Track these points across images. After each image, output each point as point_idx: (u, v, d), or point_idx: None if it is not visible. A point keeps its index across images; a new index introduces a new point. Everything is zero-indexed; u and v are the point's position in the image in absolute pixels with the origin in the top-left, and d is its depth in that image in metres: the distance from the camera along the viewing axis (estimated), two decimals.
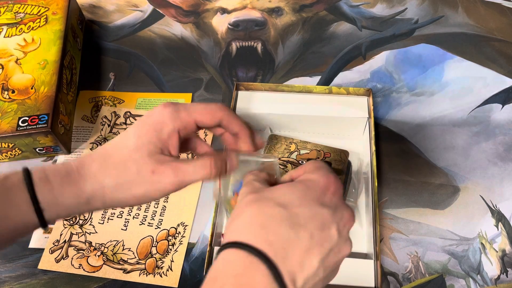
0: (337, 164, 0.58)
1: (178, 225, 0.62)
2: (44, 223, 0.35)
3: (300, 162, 0.59)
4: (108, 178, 0.36)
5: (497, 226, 0.61)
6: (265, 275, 0.30)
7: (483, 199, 0.63)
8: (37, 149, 0.67)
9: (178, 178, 0.36)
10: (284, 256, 0.31)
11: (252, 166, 0.44)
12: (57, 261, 0.60)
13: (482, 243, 0.59)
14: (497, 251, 0.59)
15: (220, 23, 0.84)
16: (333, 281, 0.53)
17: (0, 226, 0.34)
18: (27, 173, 0.35)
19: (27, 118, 0.63)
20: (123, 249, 0.61)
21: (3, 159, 0.68)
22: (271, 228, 0.32)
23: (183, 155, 0.69)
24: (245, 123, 0.41)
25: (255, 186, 0.37)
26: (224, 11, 0.86)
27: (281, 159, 0.59)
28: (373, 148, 0.60)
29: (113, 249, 0.61)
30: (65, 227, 0.63)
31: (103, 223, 0.63)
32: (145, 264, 0.60)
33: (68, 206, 0.36)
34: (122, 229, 0.63)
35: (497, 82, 0.73)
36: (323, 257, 0.33)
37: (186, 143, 0.43)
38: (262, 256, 0.30)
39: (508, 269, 0.58)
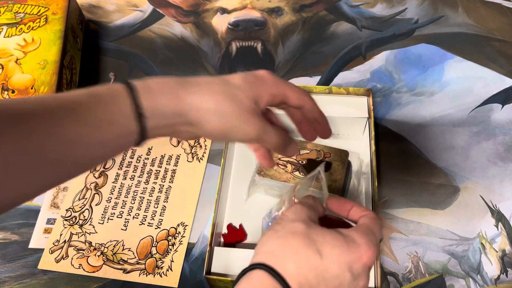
0: (337, 164, 0.58)
1: (178, 225, 0.63)
2: (143, 133, 0.37)
3: (300, 162, 0.59)
4: (211, 101, 0.38)
5: (497, 226, 0.61)
6: None
7: (483, 199, 0.63)
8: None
9: (261, 130, 0.40)
10: None
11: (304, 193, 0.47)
12: (57, 261, 0.60)
13: (482, 243, 0.59)
14: (497, 251, 0.59)
15: (220, 23, 0.84)
16: None
17: (106, 131, 0.35)
18: (130, 84, 0.37)
19: None
20: (123, 249, 0.61)
21: None
22: (304, 271, 0.35)
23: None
24: (324, 116, 0.45)
25: (309, 215, 0.39)
26: (224, 11, 0.86)
27: (281, 159, 0.59)
28: (373, 148, 0.60)
29: (113, 249, 0.61)
30: (65, 227, 0.63)
31: (103, 223, 0.63)
32: (145, 264, 0.60)
33: (167, 116, 0.37)
34: (122, 229, 0.63)
35: (497, 82, 0.73)
36: None
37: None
38: None
39: (508, 269, 0.58)
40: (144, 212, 0.64)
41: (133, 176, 0.67)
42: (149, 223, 0.63)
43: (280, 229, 0.38)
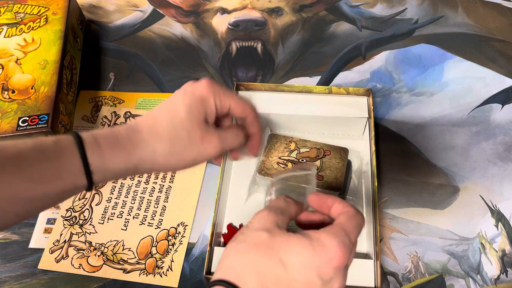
0: (337, 161, 0.58)
1: (178, 225, 0.63)
2: (91, 185, 0.38)
3: (300, 160, 0.59)
4: (161, 145, 0.39)
5: (497, 226, 0.61)
6: None
7: (483, 199, 0.63)
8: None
9: (221, 144, 0.41)
10: None
11: (290, 180, 0.46)
12: (57, 261, 0.60)
13: (482, 243, 0.59)
14: (497, 251, 0.59)
15: (220, 23, 0.84)
16: None
17: (51, 186, 0.36)
18: (78, 137, 0.37)
19: (27, 118, 0.63)
20: (123, 249, 0.61)
21: None
22: (267, 283, 0.34)
23: None
24: (262, 128, 0.46)
25: (275, 221, 0.37)
26: (224, 11, 0.86)
27: (281, 158, 0.59)
28: (373, 148, 0.60)
29: (113, 249, 0.61)
30: (65, 227, 0.63)
31: (103, 223, 0.63)
32: (145, 264, 0.60)
33: (116, 171, 0.38)
34: (122, 229, 0.63)
35: (497, 82, 0.73)
36: None
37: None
38: None
39: (508, 269, 0.58)
40: (144, 212, 0.64)
41: (133, 176, 0.67)
42: (149, 223, 0.63)
43: (242, 240, 0.36)
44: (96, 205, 0.65)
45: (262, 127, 0.47)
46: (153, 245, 0.61)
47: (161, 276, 0.58)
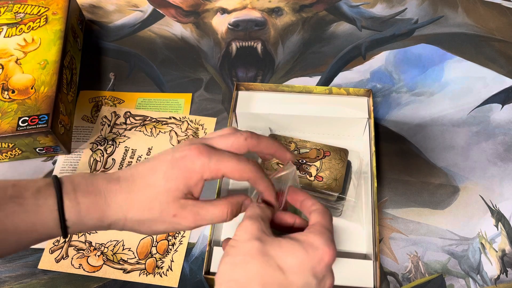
0: (337, 162, 0.58)
1: None
2: (65, 236, 0.38)
3: (300, 161, 0.59)
4: (132, 213, 0.39)
5: (497, 226, 0.61)
6: None
7: (483, 199, 0.63)
8: (37, 149, 0.67)
9: (195, 223, 0.40)
10: None
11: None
12: (57, 261, 0.60)
13: (482, 243, 0.59)
14: (496, 251, 0.59)
15: (220, 23, 0.84)
16: None
17: (26, 237, 0.37)
18: (59, 188, 0.37)
19: (27, 118, 0.63)
20: (123, 249, 0.61)
21: (3, 159, 0.69)
22: None
23: None
24: (271, 182, 0.43)
25: (260, 228, 0.38)
26: (224, 11, 0.86)
27: None
28: (373, 148, 0.60)
29: (113, 249, 0.61)
30: None
31: None
32: (145, 264, 0.60)
33: (90, 227, 0.39)
34: None
35: (497, 82, 0.73)
36: None
37: None
38: None
39: (508, 269, 0.58)
40: None
41: None
42: None
43: (236, 253, 0.37)
44: None
45: (268, 184, 0.43)
46: (153, 245, 0.61)
47: (161, 276, 0.59)
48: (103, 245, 0.61)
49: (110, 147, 0.70)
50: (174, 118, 0.73)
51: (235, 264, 0.36)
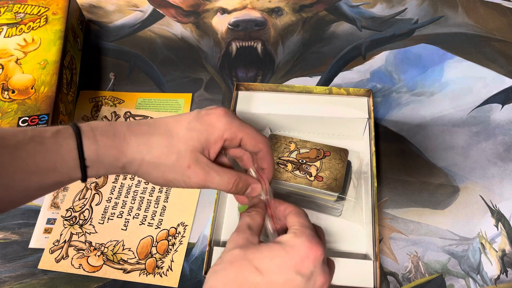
0: (337, 162, 0.58)
1: (178, 225, 0.63)
2: (85, 178, 0.38)
3: (300, 161, 0.59)
4: (149, 156, 0.39)
5: (497, 226, 0.61)
6: None
7: (483, 199, 0.63)
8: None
9: (204, 182, 0.40)
10: None
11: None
12: (57, 261, 0.60)
13: (482, 243, 0.59)
14: (497, 251, 0.59)
15: (220, 23, 0.84)
16: (332, 282, 0.53)
17: (47, 177, 0.37)
18: (78, 131, 0.38)
19: (27, 118, 0.63)
20: (123, 249, 0.61)
21: None
22: None
23: None
24: (274, 162, 0.45)
25: (246, 237, 0.39)
26: (224, 11, 0.86)
27: (281, 158, 0.59)
28: (373, 148, 0.60)
29: (113, 249, 0.61)
30: (65, 227, 0.63)
31: (103, 223, 0.63)
32: (145, 264, 0.60)
33: (107, 166, 0.39)
34: (122, 229, 0.63)
35: (497, 82, 0.73)
36: None
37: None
38: None
39: (508, 269, 0.58)
40: (144, 212, 0.64)
41: (133, 176, 0.67)
42: (149, 223, 0.63)
43: (219, 263, 0.38)
44: (96, 205, 0.65)
45: (273, 163, 0.45)
46: (153, 245, 0.61)
47: (161, 276, 0.59)
48: (103, 245, 0.61)
49: None
50: None
51: (215, 272, 0.37)
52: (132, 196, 0.65)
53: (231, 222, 0.61)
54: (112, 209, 0.65)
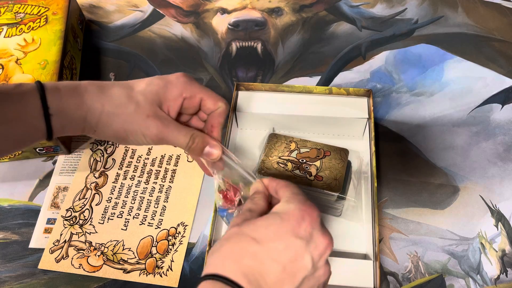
0: (337, 162, 0.58)
1: (178, 225, 0.63)
2: (50, 132, 0.39)
3: (300, 160, 0.59)
4: (109, 104, 0.40)
5: (496, 226, 0.61)
6: None
7: (483, 199, 0.63)
8: (37, 149, 0.67)
9: (162, 134, 0.41)
10: (257, 286, 0.34)
11: (234, 175, 0.46)
12: (57, 261, 0.60)
13: (482, 243, 0.59)
14: (496, 251, 0.59)
15: (220, 23, 0.84)
16: (332, 282, 0.53)
17: (12, 127, 0.37)
18: (40, 83, 0.39)
19: None
20: (123, 249, 0.61)
21: (3, 159, 0.69)
22: (245, 262, 0.35)
23: None
24: (223, 124, 0.46)
25: (244, 217, 0.39)
26: (224, 11, 0.86)
27: (281, 157, 0.59)
28: (373, 148, 0.60)
29: (113, 249, 0.61)
30: (65, 227, 0.63)
31: (103, 223, 0.63)
32: (145, 264, 0.60)
33: (70, 117, 0.39)
34: (122, 229, 0.63)
35: (497, 82, 0.73)
36: (296, 286, 0.35)
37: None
38: (238, 286, 0.33)
39: (507, 269, 0.58)
40: (144, 212, 0.64)
41: (133, 176, 0.67)
42: (149, 223, 0.63)
43: (217, 243, 0.38)
44: (96, 205, 0.65)
45: (223, 123, 0.46)
46: (153, 245, 0.61)
47: (161, 276, 0.59)
48: (103, 245, 0.61)
49: (110, 147, 0.70)
50: None
51: (213, 250, 0.37)
52: (132, 196, 0.65)
53: None
54: (112, 209, 0.65)
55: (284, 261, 0.35)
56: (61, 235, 0.63)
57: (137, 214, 0.64)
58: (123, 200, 0.65)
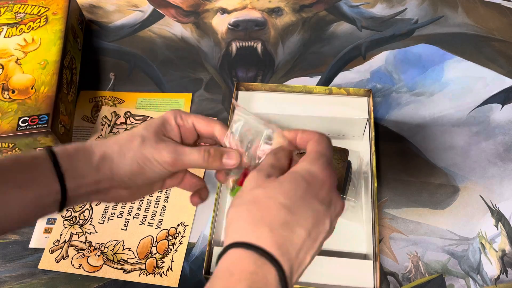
0: (337, 162, 0.58)
1: (178, 225, 0.63)
2: (64, 193, 0.39)
3: None
4: (117, 146, 0.41)
5: (496, 226, 0.61)
6: (274, 276, 0.33)
7: (483, 199, 0.63)
8: (37, 149, 0.67)
9: (176, 154, 0.41)
10: (289, 258, 0.34)
11: (252, 130, 0.44)
12: (57, 261, 0.60)
13: (481, 243, 0.59)
14: (496, 251, 0.59)
15: (220, 23, 0.84)
16: (332, 282, 0.54)
17: (27, 191, 0.37)
18: (50, 149, 0.40)
19: (27, 118, 0.63)
20: (123, 249, 0.61)
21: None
22: (278, 231, 0.34)
23: None
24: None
25: (267, 174, 0.38)
26: (224, 11, 0.86)
27: None
28: (373, 148, 0.60)
29: (113, 249, 0.61)
30: (65, 227, 0.63)
31: (103, 223, 0.63)
32: (145, 264, 0.60)
33: (82, 171, 0.40)
34: (122, 229, 0.63)
35: (497, 82, 0.73)
36: (316, 250, 0.36)
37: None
38: (273, 260, 0.33)
39: (507, 269, 0.58)
40: (144, 212, 0.64)
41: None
42: (149, 223, 0.63)
43: (240, 203, 0.37)
44: (96, 205, 0.65)
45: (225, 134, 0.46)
46: (153, 245, 0.61)
47: (161, 276, 0.59)
48: (103, 245, 0.61)
49: None
50: None
51: (239, 213, 0.36)
52: None
53: None
54: (112, 209, 0.65)
55: (309, 227, 0.35)
56: (61, 235, 0.63)
57: (137, 214, 0.64)
58: None
